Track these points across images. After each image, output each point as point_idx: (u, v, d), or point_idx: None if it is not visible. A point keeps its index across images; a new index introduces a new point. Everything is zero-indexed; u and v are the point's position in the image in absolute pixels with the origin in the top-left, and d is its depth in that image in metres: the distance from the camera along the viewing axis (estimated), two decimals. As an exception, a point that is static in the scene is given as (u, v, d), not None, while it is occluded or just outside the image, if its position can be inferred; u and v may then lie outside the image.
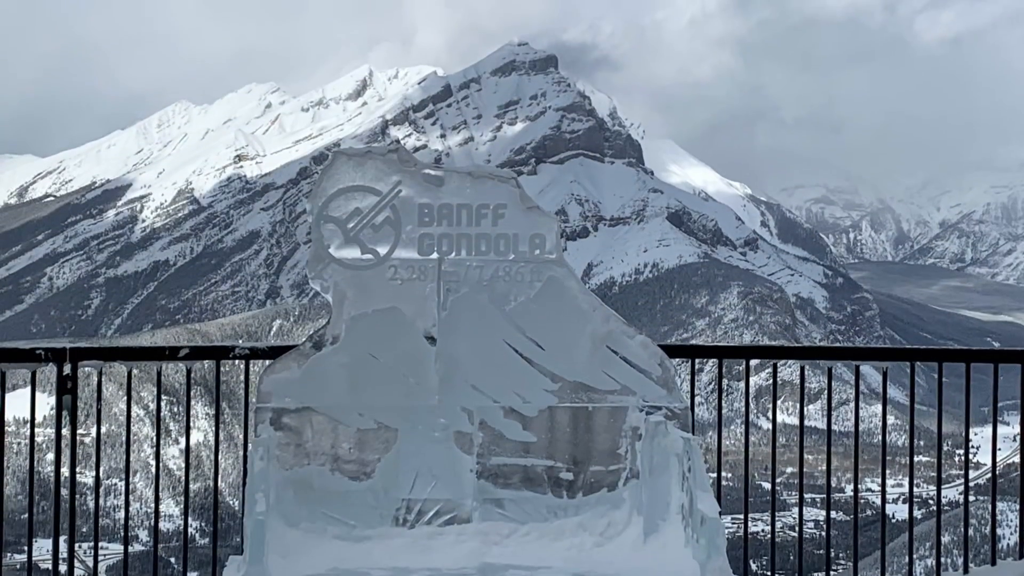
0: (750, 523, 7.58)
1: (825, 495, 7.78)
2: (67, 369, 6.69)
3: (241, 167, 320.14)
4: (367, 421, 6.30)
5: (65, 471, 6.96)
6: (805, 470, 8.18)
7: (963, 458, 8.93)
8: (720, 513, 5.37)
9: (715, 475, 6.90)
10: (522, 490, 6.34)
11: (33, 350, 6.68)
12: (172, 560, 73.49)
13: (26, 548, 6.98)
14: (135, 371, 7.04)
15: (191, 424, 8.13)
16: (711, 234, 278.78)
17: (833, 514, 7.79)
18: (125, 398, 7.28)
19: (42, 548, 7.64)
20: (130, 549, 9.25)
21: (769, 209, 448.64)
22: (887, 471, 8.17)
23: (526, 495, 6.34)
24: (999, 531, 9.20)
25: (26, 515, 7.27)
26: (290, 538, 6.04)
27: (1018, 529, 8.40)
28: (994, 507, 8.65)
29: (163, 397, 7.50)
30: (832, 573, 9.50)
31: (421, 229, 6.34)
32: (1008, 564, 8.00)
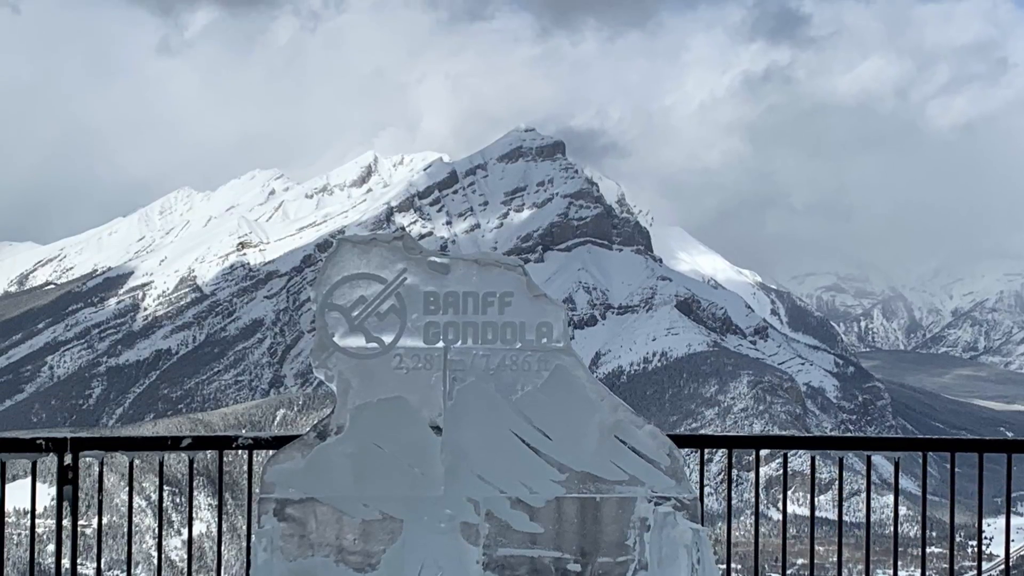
0: (761, 617, 7.44)
1: (837, 588, 7.66)
2: (68, 459, 6.65)
3: (244, 255, 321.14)
4: (372, 512, 6.24)
5: (66, 563, 6.89)
6: (816, 562, 8.06)
7: (976, 549, 8.80)
8: (731, 607, 5.28)
9: (724, 567, 6.81)
10: (529, 583, 6.25)
11: (34, 440, 6.65)
12: (174, 654, 72.45)
13: (24, 642, 6.87)
14: (137, 461, 7.00)
15: (193, 515, 8.05)
16: (720, 322, 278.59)
17: (846, 608, 7.66)
18: (127, 488, 7.22)
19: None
20: (130, 643, 9.10)
21: (779, 297, 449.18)
22: (899, 563, 8.05)
23: (533, 588, 6.24)
24: (1015, 624, 9.05)
25: (25, 608, 7.17)
26: (292, 632, 5.94)
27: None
28: (1010, 600, 8.50)
29: (165, 488, 7.44)
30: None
31: (427, 317, 6.33)
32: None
